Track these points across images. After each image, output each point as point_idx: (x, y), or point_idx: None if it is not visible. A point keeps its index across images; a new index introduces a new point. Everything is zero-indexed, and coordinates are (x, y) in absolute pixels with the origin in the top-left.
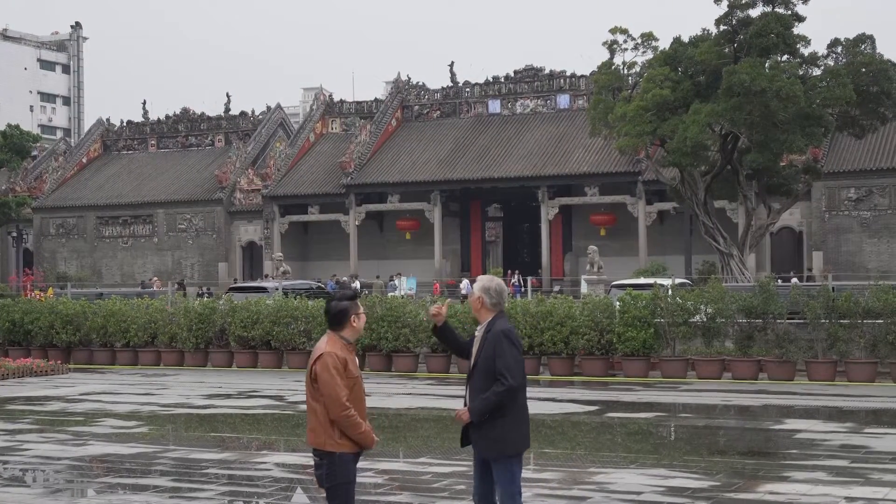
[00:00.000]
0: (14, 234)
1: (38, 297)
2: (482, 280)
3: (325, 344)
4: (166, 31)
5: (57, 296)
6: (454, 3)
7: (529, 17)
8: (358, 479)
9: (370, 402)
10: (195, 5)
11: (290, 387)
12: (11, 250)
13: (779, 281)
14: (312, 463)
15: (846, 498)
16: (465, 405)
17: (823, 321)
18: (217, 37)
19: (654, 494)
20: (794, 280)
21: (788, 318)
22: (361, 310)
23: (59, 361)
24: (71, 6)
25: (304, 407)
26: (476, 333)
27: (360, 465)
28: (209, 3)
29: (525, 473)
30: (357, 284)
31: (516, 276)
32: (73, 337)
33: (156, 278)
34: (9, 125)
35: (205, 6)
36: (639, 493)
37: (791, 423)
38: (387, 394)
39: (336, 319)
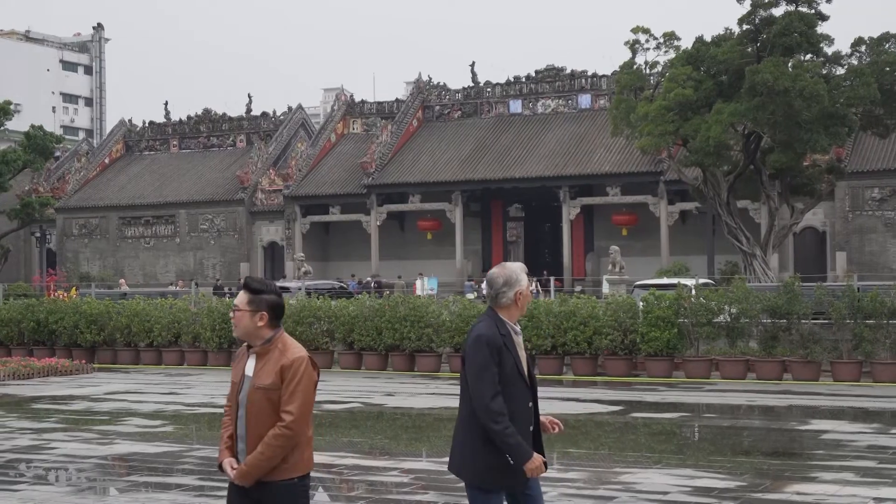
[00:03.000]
0: (37, 235)
1: (62, 296)
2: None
3: None
4: (188, 32)
5: (82, 295)
6: (475, 3)
7: (550, 17)
8: (383, 478)
9: (394, 402)
10: (217, 7)
11: None
12: (35, 250)
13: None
14: (336, 462)
15: (875, 498)
16: (532, 426)
17: (848, 321)
18: (238, 38)
19: (680, 494)
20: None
21: (813, 319)
22: (237, 304)
23: (83, 361)
24: (93, 8)
25: (327, 406)
26: (517, 339)
27: (384, 463)
28: (231, 6)
29: (550, 473)
30: (374, 284)
31: (533, 284)
32: (97, 337)
33: (123, 280)
34: (32, 126)
35: (226, 8)
36: (665, 493)
37: (817, 424)
38: (410, 393)
39: None
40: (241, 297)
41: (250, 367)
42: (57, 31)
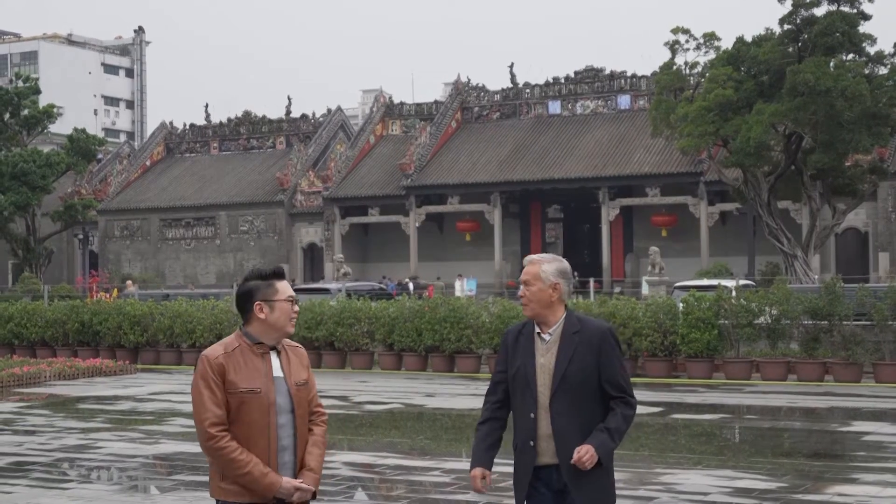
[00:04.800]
0: (80, 237)
1: (105, 297)
2: (553, 260)
3: (218, 343)
4: (227, 35)
5: (124, 297)
6: (514, 4)
7: (589, 18)
8: (425, 479)
9: (434, 403)
10: (255, 11)
11: (354, 387)
12: (77, 252)
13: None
14: (377, 462)
15: None
16: (533, 441)
17: (891, 323)
18: (277, 40)
19: (721, 495)
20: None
21: (855, 320)
22: (280, 295)
23: (127, 362)
24: (134, 11)
25: (368, 407)
26: (545, 337)
27: (425, 463)
28: (269, 9)
29: None
30: (411, 286)
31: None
32: (140, 338)
33: (129, 281)
34: (75, 129)
35: (264, 11)
36: (706, 494)
37: (858, 425)
38: (450, 394)
39: (240, 307)
40: (290, 288)
41: (276, 366)
42: (98, 34)
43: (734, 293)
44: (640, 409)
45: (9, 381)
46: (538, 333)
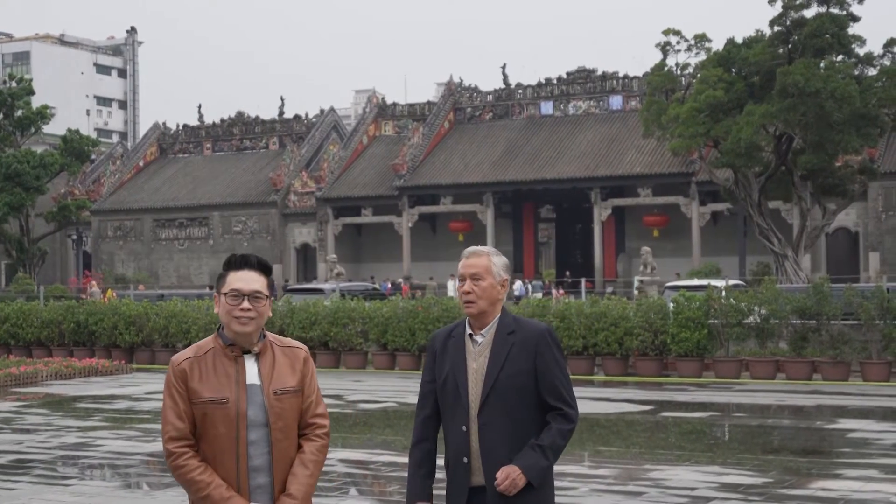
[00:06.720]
0: (73, 237)
1: (103, 298)
2: (499, 254)
3: (194, 345)
4: (220, 35)
5: (119, 297)
6: (506, 5)
7: (581, 19)
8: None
9: None
10: (248, 12)
11: (349, 386)
12: (71, 253)
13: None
14: (371, 460)
15: None
16: (467, 458)
17: (878, 322)
18: (270, 40)
19: (708, 490)
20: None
21: (843, 320)
22: (225, 287)
23: (122, 361)
24: (126, 12)
25: (363, 406)
26: (477, 339)
27: None
28: (262, 9)
29: (581, 470)
30: (402, 283)
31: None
32: (135, 338)
33: (94, 281)
34: (69, 129)
35: (258, 12)
36: (693, 489)
37: (844, 423)
38: None
39: None
40: (258, 279)
41: (252, 372)
42: (91, 34)
43: (724, 293)
44: (630, 408)
45: (6, 381)
46: (470, 335)
